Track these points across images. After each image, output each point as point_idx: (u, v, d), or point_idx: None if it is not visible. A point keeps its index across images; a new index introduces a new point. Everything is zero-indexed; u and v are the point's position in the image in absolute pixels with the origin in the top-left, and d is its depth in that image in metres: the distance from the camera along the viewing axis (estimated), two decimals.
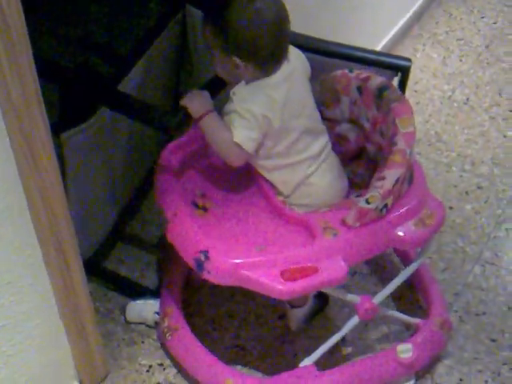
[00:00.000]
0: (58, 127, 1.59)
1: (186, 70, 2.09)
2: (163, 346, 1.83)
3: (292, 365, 1.78)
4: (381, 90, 1.63)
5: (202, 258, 1.51)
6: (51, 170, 1.38)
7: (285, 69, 1.57)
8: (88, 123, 1.71)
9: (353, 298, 1.67)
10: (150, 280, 2.01)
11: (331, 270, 1.50)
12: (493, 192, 2.29)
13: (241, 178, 1.69)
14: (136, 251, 2.10)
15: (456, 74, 2.81)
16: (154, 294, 1.91)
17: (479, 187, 2.31)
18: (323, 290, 1.68)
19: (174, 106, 2.17)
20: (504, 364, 1.80)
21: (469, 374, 1.78)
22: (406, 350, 1.70)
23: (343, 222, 1.54)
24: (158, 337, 1.85)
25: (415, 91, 2.70)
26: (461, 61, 2.89)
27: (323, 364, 1.71)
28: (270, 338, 1.87)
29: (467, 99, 2.69)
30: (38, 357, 1.56)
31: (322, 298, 1.87)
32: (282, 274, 1.48)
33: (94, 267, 1.96)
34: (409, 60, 1.79)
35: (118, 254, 2.08)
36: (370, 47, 1.98)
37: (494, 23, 3.11)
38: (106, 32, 2.00)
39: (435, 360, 1.80)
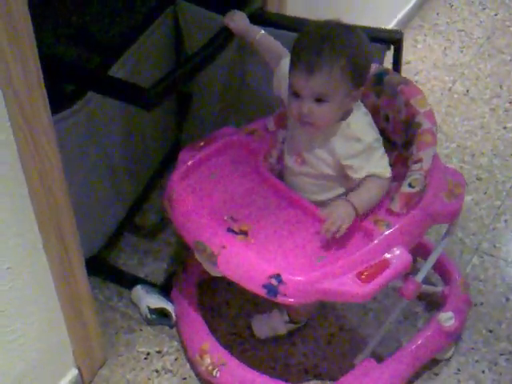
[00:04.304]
0: None
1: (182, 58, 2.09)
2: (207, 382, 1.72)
3: (290, 353, 1.80)
4: (379, 76, 1.64)
5: (275, 282, 1.43)
6: (52, 154, 1.38)
7: None
8: (74, 108, 1.67)
9: (396, 281, 1.65)
10: (148, 268, 2.02)
11: (399, 261, 1.48)
12: (492, 183, 2.29)
13: (259, 193, 1.63)
14: (134, 239, 2.10)
15: (457, 66, 2.81)
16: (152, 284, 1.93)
17: (479, 179, 2.31)
18: None
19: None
20: (501, 354, 1.81)
21: (466, 364, 1.79)
22: (448, 318, 1.73)
23: (390, 211, 1.53)
24: (199, 377, 1.76)
25: (416, 82, 2.69)
26: (461, 52, 2.89)
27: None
28: None
29: (467, 91, 2.68)
30: (37, 343, 1.56)
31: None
32: (359, 276, 1.44)
33: (94, 265, 1.94)
34: (400, 32, 1.77)
35: (117, 243, 2.08)
36: None
37: (495, 15, 3.10)
38: (94, 23, 1.99)
39: None
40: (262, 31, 1.70)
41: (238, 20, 1.72)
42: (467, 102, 2.63)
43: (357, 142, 1.51)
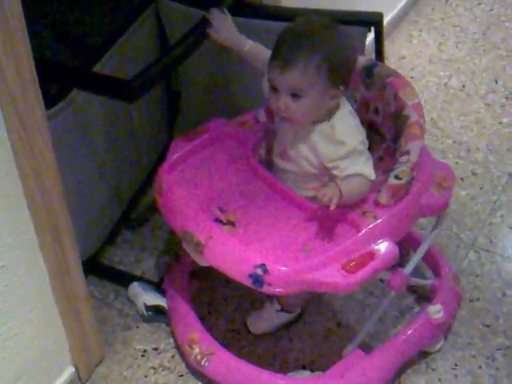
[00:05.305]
0: None
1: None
2: (195, 371, 1.75)
3: (287, 349, 1.80)
4: (369, 69, 1.65)
5: (260, 272, 1.44)
6: (47, 153, 1.37)
7: None
8: (58, 107, 1.65)
9: (383, 274, 1.64)
10: (145, 265, 2.02)
11: (385, 253, 1.48)
12: (488, 179, 2.29)
13: (248, 184, 1.63)
14: (131, 236, 2.10)
15: (452, 61, 2.81)
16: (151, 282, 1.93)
17: (474, 174, 2.31)
18: None
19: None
20: (498, 349, 1.81)
21: (463, 359, 1.79)
22: (437, 311, 1.73)
23: (377, 203, 1.53)
24: (186, 365, 1.77)
25: (411, 77, 2.69)
26: (457, 47, 2.88)
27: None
28: None
29: (463, 86, 2.68)
30: (34, 341, 1.55)
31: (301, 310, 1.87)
32: (344, 267, 1.44)
33: (90, 264, 1.93)
34: (380, 14, 1.76)
35: (113, 240, 2.08)
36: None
37: (491, 10, 3.10)
38: (76, 22, 1.99)
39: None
40: (250, 42, 1.66)
41: (223, 32, 1.67)
42: (463, 97, 2.63)
43: (341, 146, 1.51)
